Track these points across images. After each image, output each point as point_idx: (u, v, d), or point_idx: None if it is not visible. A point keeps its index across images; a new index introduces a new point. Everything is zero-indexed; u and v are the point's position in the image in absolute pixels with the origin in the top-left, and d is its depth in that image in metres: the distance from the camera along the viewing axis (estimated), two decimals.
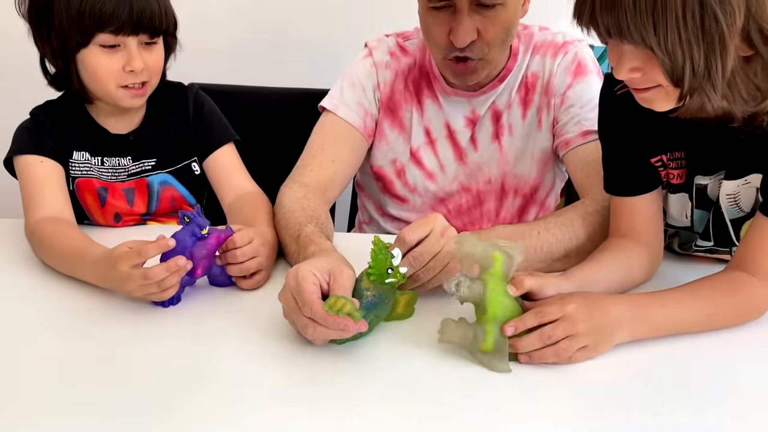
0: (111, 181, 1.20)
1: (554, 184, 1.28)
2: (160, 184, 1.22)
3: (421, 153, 1.23)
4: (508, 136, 1.21)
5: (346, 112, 1.21)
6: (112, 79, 1.10)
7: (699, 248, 1.04)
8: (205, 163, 1.23)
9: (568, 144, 1.16)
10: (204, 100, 1.25)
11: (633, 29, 0.74)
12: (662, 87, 0.80)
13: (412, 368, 0.81)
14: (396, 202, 1.27)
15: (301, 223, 1.03)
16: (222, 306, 0.94)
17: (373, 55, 1.23)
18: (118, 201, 1.20)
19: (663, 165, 0.97)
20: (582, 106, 1.15)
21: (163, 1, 1.12)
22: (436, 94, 1.21)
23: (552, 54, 1.18)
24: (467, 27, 1.06)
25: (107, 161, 1.20)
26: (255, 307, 0.94)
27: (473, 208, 1.26)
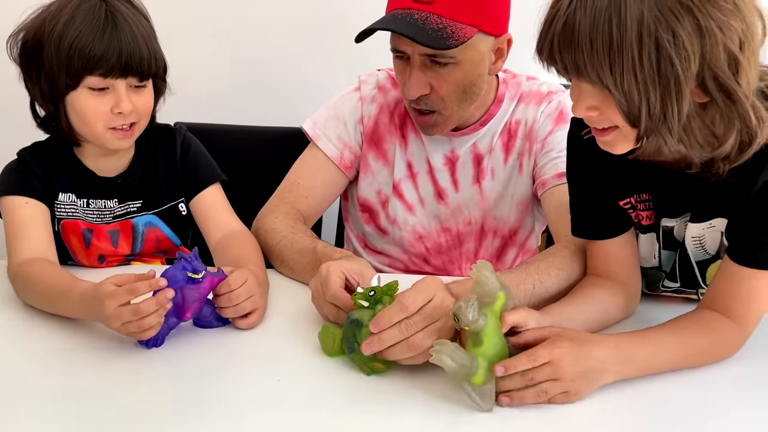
0: (96, 223, 1.20)
1: (534, 227, 1.30)
2: (145, 226, 1.22)
3: (402, 186, 1.26)
4: (490, 180, 1.24)
5: (325, 144, 1.26)
6: (101, 120, 1.11)
7: (666, 288, 1.05)
8: (191, 203, 1.24)
9: (545, 185, 1.19)
10: (191, 141, 1.26)
11: (590, 68, 0.74)
12: (620, 129, 0.80)
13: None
14: (378, 234, 1.30)
15: (309, 241, 1.09)
16: (209, 347, 0.94)
17: (360, 89, 1.28)
18: (102, 243, 1.20)
19: (632, 207, 0.98)
20: (560, 151, 1.17)
21: (153, 45, 1.13)
22: (419, 130, 1.24)
23: (536, 102, 1.22)
24: (417, 81, 1.09)
25: (93, 203, 1.20)
26: (244, 347, 0.94)
27: (452, 248, 1.28)
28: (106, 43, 1.07)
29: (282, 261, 1.11)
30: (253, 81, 1.89)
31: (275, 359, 0.91)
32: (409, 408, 0.81)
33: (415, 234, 1.27)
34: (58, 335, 0.97)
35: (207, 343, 0.95)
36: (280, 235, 1.12)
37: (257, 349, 0.94)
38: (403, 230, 1.27)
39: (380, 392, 0.84)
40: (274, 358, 0.91)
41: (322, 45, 1.85)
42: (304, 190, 1.23)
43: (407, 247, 1.28)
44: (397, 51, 1.11)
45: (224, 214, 1.22)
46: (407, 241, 1.27)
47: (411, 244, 1.27)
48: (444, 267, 1.29)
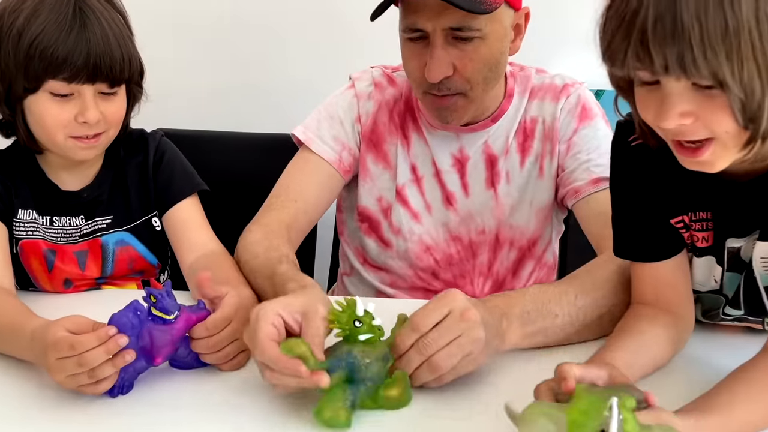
0: (60, 243, 1.07)
1: (552, 238, 1.18)
2: (115, 244, 1.09)
3: (406, 191, 1.13)
4: (505, 184, 1.11)
5: (320, 146, 1.12)
6: (61, 129, 0.97)
7: (727, 316, 0.90)
8: (164, 218, 1.10)
9: (578, 192, 1.06)
10: (166, 147, 1.12)
11: (700, 60, 0.61)
12: (717, 140, 0.67)
13: None
14: (380, 246, 1.16)
15: (272, 263, 0.93)
16: (184, 393, 0.80)
17: (355, 86, 1.16)
18: (67, 265, 1.06)
19: (685, 226, 0.85)
20: (590, 152, 1.06)
21: (127, 47, 0.99)
22: (421, 129, 1.12)
23: (552, 98, 1.10)
24: (441, 61, 0.97)
25: (57, 221, 1.07)
26: (228, 392, 0.80)
27: (465, 260, 1.15)
28: (72, 43, 0.93)
29: (255, 290, 0.95)
30: (241, 84, 1.79)
31: (264, 406, 0.77)
32: None
33: (422, 245, 1.15)
34: (10, 378, 0.83)
35: (183, 387, 0.81)
36: (250, 255, 0.98)
37: (243, 393, 0.80)
38: (409, 241, 1.14)
39: None
40: (263, 406, 0.77)
41: (313, 46, 1.75)
42: (294, 193, 1.09)
43: (414, 260, 1.15)
44: (414, 30, 0.98)
45: (200, 233, 1.08)
46: (414, 254, 1.14)
47: (418, 257, 1.15)
48: (454, 282, 1.16)
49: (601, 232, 1.00)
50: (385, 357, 0.73)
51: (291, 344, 0.70)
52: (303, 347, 0.69)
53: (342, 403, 0.72)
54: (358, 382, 0.72)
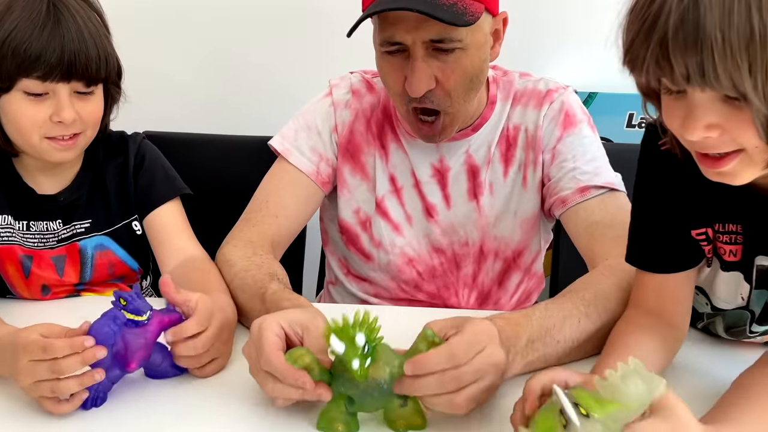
0: (38, 249, 1.03)
1: (540, 249, 1.14)
2: (94, 249, 1.05)
3: (386, 203, 1.10)
4: (488, 196, 1.08)
5: (298, 158, 1.09)
6: (36, 129, 0.94)
7: (754, 333, 0.87)
8: (145, 222, 1.07)
9: (565, 202, 1.02)
10: (146, 149, 1.09)
11: (721, 71, 0.57)
12: (746, 152, 0.63)
13: None
14: (362, 259, 1.13)
15: (262, 280, 0.90)
16: (162, 403, 0.77)
17: (332, 94, 1.12)
18: (44, 271, 1.03)
19: (707, 239, 0.80)
20: (576, 160, 1.02)
21: (103, 44, 0.96)
22: (400, 138, 1.09)
23: (535, 104, 1.06)
24: (423, 74, 0.93)
25: (33, 226, 1.03)
26: (205, 401, 0.77)
27: (449, 272, 1.12)
28: (45, 40, 0.90)
29: (236, 301, 0.91)
30: (224, 86, 1.77)
31: (245, 417, 0.74)
32: None
33: (405, 257, 1.11)
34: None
35: (159, 397, 0.77)
36: (233, 271, 0.94)
37: (220, 402, 0.77)
38: (391, 253, 1.11)
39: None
40: (243, 416, 0.74)
41: (297, 49, 1.74)
42: (274, 208, 1.05)
43: (396, 272, 1.12)
44: (392, 43, 0.94)
45: (181, 238, 1.05)
46: (396, 266, 1.11)
47: (400, 269, 1.11)
48: (438, 293, 1.13)
49: (590, 243, 0.97)
50: (380, 386, 0.68)
51: (296, 354, 0.67)
52: (308, 358, 0.67)
53: (342, 415, 0.70)
54: (357, 401, 0.69)
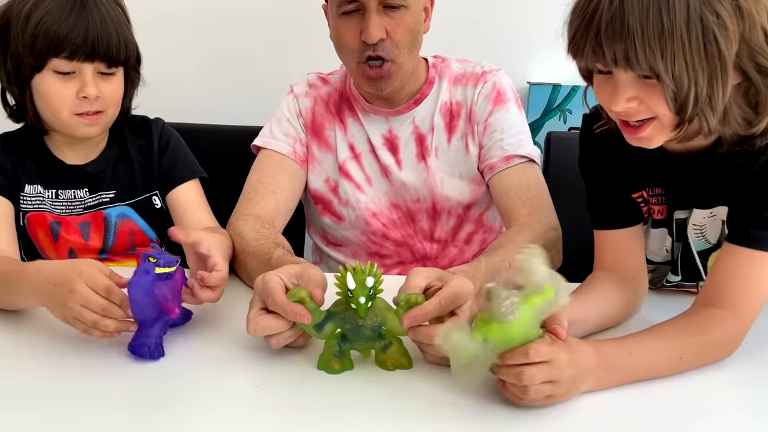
0: (65, 215, 1.14)
1: (489, 203, 1.28)
2: (118, 217, 1.15)
3: (348, 166, 1.26)
4: (434, 158, 1.24)
5: (276, 144, 1.25)
6: (66, 106, 1.05)
7: (669, 283, 1.03)
8: (168, 198, 1.17)
9: (492, 168, 1.19)
10: (171, 134, 1.20)
11: (641, 56, 0.74)
12: (657, 120, 0.80)
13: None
14: (335, 221, 1.28)
15: (269, 248, 1.02)
16: (179, 351, 0.86)
17: (293, 90, 1.29)
18: (72, 235, 1.13)
19: (644, 201, 0.97)
20: (503, 132, 1.18)
21: (123, 32, 1.08)
22: (357, 113, 1.26)
23: (473, 84, 1.23)
24: (376, 24, 1.11)
25: (62, 194, 1.14)
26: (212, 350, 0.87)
27: (407, 225, 1.27)
28: (72, 23, 1.03)
29: (246, 272, 1.05)
30: (228, 77, 1.86)
31: (251, 364, 0.83)
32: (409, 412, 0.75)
33: (369, 211, 1.26)
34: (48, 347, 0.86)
35: (177, 346, 0.87)
36: (245, 241, 1.06)
37: (225, 350, 0.86)
38: (357, 209, 1.25)
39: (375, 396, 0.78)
40: (250, 363, 0.83)
41: (302, 43, 1.81)
42: (269, 185, 1.19)
43: (364, 226, 1.26)
44: (349, 2, 1.12)
45: (200, 212, 1.16)
46: (363, 220, 1.26)
47: (367, 222, 1.26)
48: (405, 241, 1.27)
49: (509, 204, 1.14)
50: (374, 327, 0.79)
51: (294, 291, 0.78)
52: (303, 292, 0.78)
53: (334, 353, 0.80)
54: (350, 337, 0.79)
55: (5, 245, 1.04)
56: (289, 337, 0.81)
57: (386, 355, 0.81)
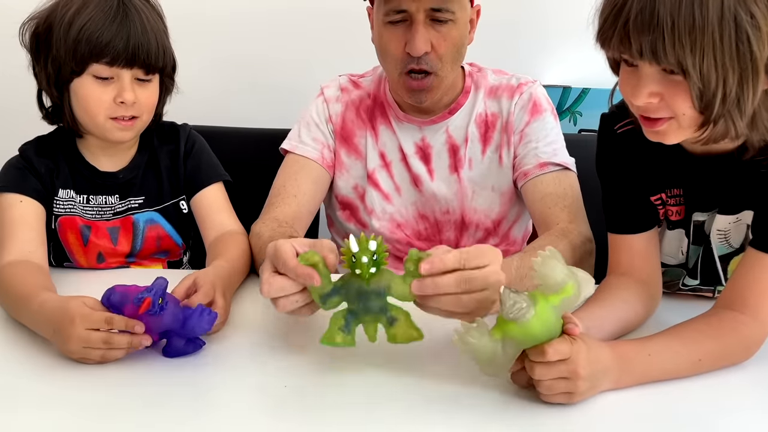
0: (95, 220, 1.16)
1: (519, 217, 1.29)
2: (146, 223, 1.18)
3: (377, 175, 1.27)
4: (468, 170, 1.25)
5: (303, 149, 1.26)
6: (102, 110, 1.08)
7: (685, 287, 1.03)
8: (192, 201, 1.20)
9: (527, 175, 1.19)
10: (195, 138, 1.23)
11: (669, 50, 0.73)
12: (674, 119, 0.79)
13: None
14: (359, 228, 1.30)
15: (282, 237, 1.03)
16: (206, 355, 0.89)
17: (324, 93, 1.29)
18: (101, 240, 1.16)
19: (662, 203, 0.97)
20: (538, 141, 1.20)
21: (162, 40, 1.11)
22: (390, 120, 1.26)
23: (509, 96, 1.25)
24: (423, 36, 1.11)
25: (93, 199, 1.17)
26: (243, 359, 0.90)
27: (432, 236, 1.29)
28: (114, 30, 1.06)
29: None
30: (255, 82, 1.89)
31: (279, 365, 0.86)
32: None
33: (394, 222, 1.27)
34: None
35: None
36: (262, 240, 1.08)
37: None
38: (382, 219, 1.27)
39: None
40: (279, 365, 0.86)
41: (325, 44, 1.84)
42: (291, 190, 1.22)
43: (388, 235, 1.27)
44: (397, 11, 1.12)
45: (222, 214, 1.18)
46: (387, 230, 1.27)
47: (391, 232, 1.27)
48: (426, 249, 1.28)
49: (544, 211, 1.14)
50: (379, 292, 0.79)
51: (307, 255, 0.79)
52: (316, 257, 0.79)
53: (339, 327, 0.81)
54: (356, 309, 0.80)
55: (33, 248, 1.06)
56: (296, 302, 0.80)
57: (395, 328, 0.81)
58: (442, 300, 0.77)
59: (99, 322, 0.82)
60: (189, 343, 0.87)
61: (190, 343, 0.87)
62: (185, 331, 0.86)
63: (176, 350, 0.87)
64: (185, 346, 0.87)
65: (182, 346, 0.87)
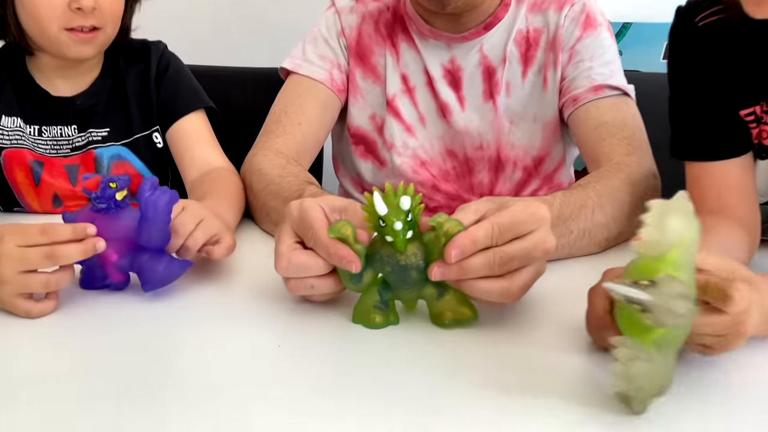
0: (49, 155, 0.96)
1: (564, 158, 1.08)
2: (111, 159, 0.97)
3: (397, 102, 1.05)
4: (505, 96, 1.03)
5: (309, 69, 1.04)
6: (56, 18, 0.87)
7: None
8: (168, 134, 0.99)
9: (577, 100, 0.97)
10: (171, 58, 1.02)
11: None
12: None
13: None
14: (377, 166, 1.08)
15: (300, 185, 0.83)
16: (182, 308, 0.67)
17: (335, 4, 1.08)
18: (56, 179, 0.95)
19: (756, 119, 0.76)
20: (593, 60, 0.99)
21: None
22: (413, 38, 1.05)
23: (557, 7, 1.03)
24: None
25: (46, 131, 0.96)
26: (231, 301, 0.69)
27: (461, 177, 1.07)
28: None
29: (266, 213, 0.86)
30: (237, 18, 1.70)
31: (270, 320, 0.65)
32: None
33: (417, 159, 1.06)
34: None
35: (178, 303, 0.67)
36: (267, 179, 0.88)
37: (245, 303, 0.68)
38: (403, 155, 1.05)
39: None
40: (269, 319, 0.65)
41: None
42: (294, 116, 1.00)
43: (411, 175, 1.06)
44: None
45: (205, 148, 0.98)
46: (410, 169, 1.06)
47: (414, 171, 1.06)
48: (458, 194, 1.07)
49: (598, 143, 0.92)
50: (417, 264, 0.59)
51: (338, 225, 0.59)
52: (350, 228, 0.59)
53: (374, 304, 0.61)
54: (393, 284, 0.61)
55: None
56: (311, 287, 0.61)
57: (441, 304, 0.61)
58: (479, 286, 0.58)
59: (34, 235, 0.61)
60: (171, 264, 0.65)
61: (172, 264, 0.65)
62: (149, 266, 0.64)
63: (154, 277, 0.65)
64: (167, 269, 0.65)
65: (162, 269, 0.64)
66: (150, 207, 0.63)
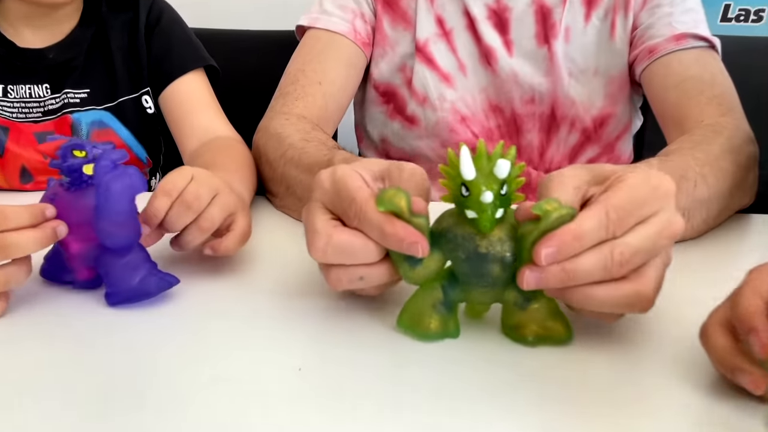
0: (16, 120, 0.80)
1: (630, 124, 0.93)
2: (91, 126, 0.82)
3: (431, 48, 0.89)
4: (563, 42, 0.87)
5: (327, 21, 0.89)
6: None
7: None
8: (161, 97, 0.84)
9: (654, 51, 0.82)
10: (164, 7, 0.86)
11: None
12: None
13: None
14: (406, 126, 0.92)
15: (328, 150, 0.67)
16: (198, 303, 0.52)
17: None
18: (24, 149, 0.79)
19: None
20: (674, 5, 0.84)
21: None
22: None
23: None
24: None
25: (12, 90, 0.80)
26: (250, 297, 0.53)
27: (507, 137, 0.92)
28: None
29: (287, 186, 0.71)
30: None
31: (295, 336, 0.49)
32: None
33: (457, 114, 0.90)
34: None
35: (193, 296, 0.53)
36: (287, 142, 0.72)
37: (265, 300, 0.53)
38: (440, 109, 0.89)
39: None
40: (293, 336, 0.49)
41: None
42: (313, 75, 0.85)
43: (447, 135, 0.90)
44: None
45: (206, 114, 0.82)
46: (447, 126, 0.89)
47: (453, 129, 0.90)
48: None
49: (682, 101, 0.77)
50: (503, 257, 0.44)
51: (388, 195, 0.43)
52: (402, 198, 0.43)
53: (433, 303, 0.46)
54: (464, 277, 0.46)
55: None
56: (360, 279, 0.46)
57: (525, 314, 0.46)
58: (597, 294, 0.43)
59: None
60: (148, 277, 0.50)
61: (149, 278, 0.50)
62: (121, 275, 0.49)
63: (123, 289, 0.49)
64: (142, 284, 0.49)
65: (136, 283, 0.49)
66: (101, 191, 0.47)
